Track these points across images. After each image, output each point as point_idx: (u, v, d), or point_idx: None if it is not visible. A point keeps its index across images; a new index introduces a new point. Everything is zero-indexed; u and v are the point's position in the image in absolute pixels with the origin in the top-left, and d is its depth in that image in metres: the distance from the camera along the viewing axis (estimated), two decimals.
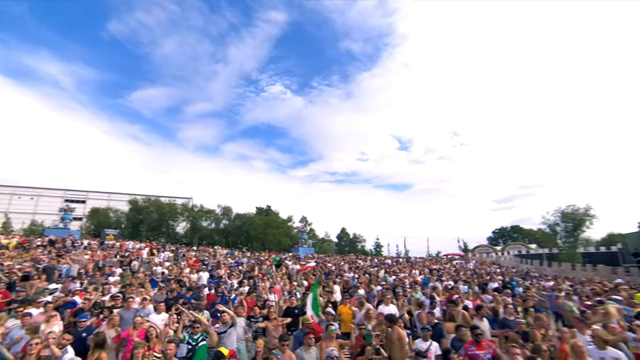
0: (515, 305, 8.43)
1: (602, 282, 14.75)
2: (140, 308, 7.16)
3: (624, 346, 5.49)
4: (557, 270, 27.49)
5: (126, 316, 6.58)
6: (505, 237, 79.11)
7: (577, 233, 35.09)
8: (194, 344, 5.49)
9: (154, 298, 8.35)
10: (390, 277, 15.78)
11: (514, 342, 5.43)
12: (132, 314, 6.61)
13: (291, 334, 6.72)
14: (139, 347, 4.52)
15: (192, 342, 5.53)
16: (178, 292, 9.22)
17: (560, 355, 5.17)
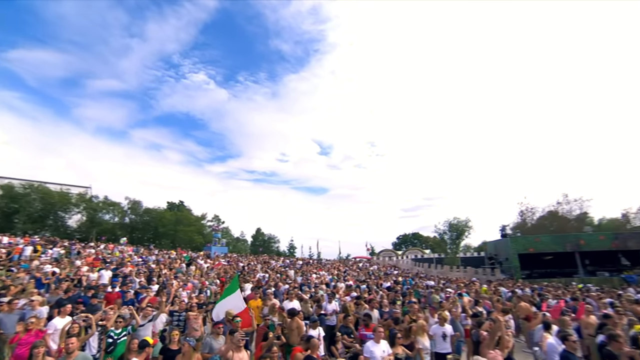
0: (396, 299, 10.31)
1: (461, 280, 18.36)
2: (27, 310, 6.72)
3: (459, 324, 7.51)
4: (441, 271, 32.41)
5: (7, 320, 6.27)
6: (407, 243, 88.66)
7: (458, 241, 42.13)
8: (115, 338, 5.65)
9: (47, 299, 7.90)
10: (298, 276, 17.34)
11: (387, 325, 6.95)
12: (16, 317, 6.31)
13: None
14: (39, 347, 4.33)
15: (115, 336, 5.68)
16: (75, 292, 8.78)
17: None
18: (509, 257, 24.50)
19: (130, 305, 7.73)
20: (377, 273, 24.72)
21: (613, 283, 21.57)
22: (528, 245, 25.06)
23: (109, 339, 5.61)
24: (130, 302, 8.31)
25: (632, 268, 24.09)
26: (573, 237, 25.82)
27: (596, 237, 26.12)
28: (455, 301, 9.68)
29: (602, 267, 24.84)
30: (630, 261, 25.00)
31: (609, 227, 44.54)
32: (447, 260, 41.75)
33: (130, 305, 7.74)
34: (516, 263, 23.94)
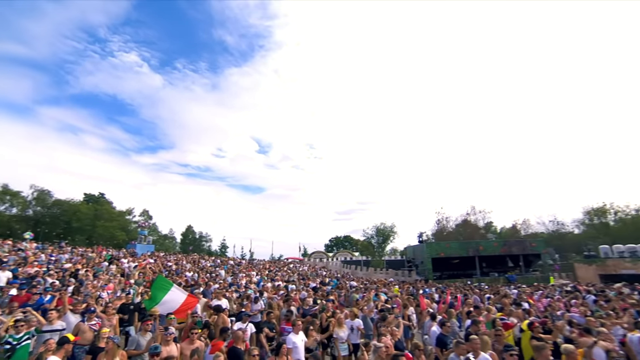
0: (316, 298, 11.37)
1: (382, 281, 20.40)
2: None
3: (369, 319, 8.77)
4: (366, 273, 34.95)
5: None
6: (338, 245, 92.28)
7: (384, 245, 45.77)
8: (14, 344, 5.31)
9: None
10: (229, 276, 17.63)
11: (307, 321, 7.89)
12: None
13: (123, 329, 7.65)
14: None
15: (13, 341, 5.33)
16: None
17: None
18: (424, 260, 27.73)
19: (38, 307, 7.36)
20: (306, 274, 25.84)
21: (500, 281, 25.81)
22: (440, 250, 28.66)
23: (6, 345, 5.26)
24: (38, 305, 7.83)
25: (513, 269, 29.28)
26: (474, 243, 30.25)
27: (491, 243, 30.95)
28: (369, 300, 11.10)
29: (494, 268, 29.56)
30: (514, 263, 30.28)
31: (505, 235, 52.35)
32: (373, 263, 44.99)
33: (39, 307, 7.36)
34: (429, 266, 27.21)
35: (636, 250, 28.29)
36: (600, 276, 27.92)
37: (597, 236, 40.18)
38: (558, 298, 13.98)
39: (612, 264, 28.41)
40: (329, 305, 9.52)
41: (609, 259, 28.97)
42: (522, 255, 29.74)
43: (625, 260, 28.04)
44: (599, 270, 28.55)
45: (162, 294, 7.44)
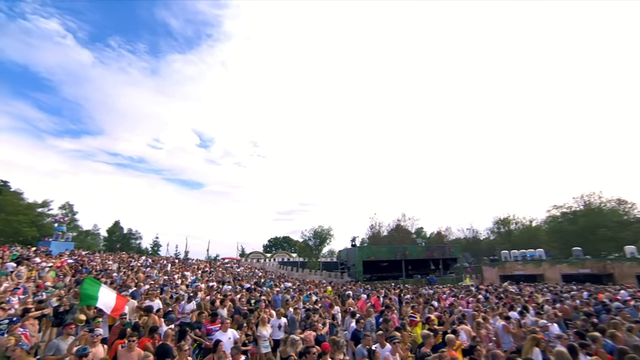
0: (250, 299, 11.89)
1: (315, 282, 21.50)
2: None
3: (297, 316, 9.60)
4: (302, 274, 36.02)
5: None
6: (277, 246, 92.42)
7: (321, 247, 47.44)
8: None
9: None
10: (162, 276, 17.17)
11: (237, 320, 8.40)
12: None
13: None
14: None
15: None
16: None
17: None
18: (355, 263, 29.61)
19: None
20: (242, 274, 25.95)
21: (422, 283, 28.66)
22: (370, 254, 30.87)
23: None
24: None
25: (434, 271, 32.83)
26: (401, 248, 33.20)
27: (416, 248, 34.24)
28: (299, 300, 11.94)
29: (418, 271, 32.69)
30: (435, 266, 33.87)
31: (432, 240, 57.57)
32: (310, 265, 46.40)
33: None
34: (360, 268, 29.14)
35: (525, 255, 34.07)
36: (500, 277, 32.72)
37: (503, 243, 46.57)
38: (462, 296, 16.28)
39: (509, 266, 33.59)
40: (261, 305, 10.13)
41: (507, 262, 34.22)
42: (442, 259, 33.50)
43: (518, 262, 33.57)
44: (499, 272, 33.42)
45: (93, 294, 7.34)
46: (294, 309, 10.33)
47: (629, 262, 30.51)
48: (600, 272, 30.88)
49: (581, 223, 41.43)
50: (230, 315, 9.06)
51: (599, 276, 30.28)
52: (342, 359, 6.00)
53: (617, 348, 5.91)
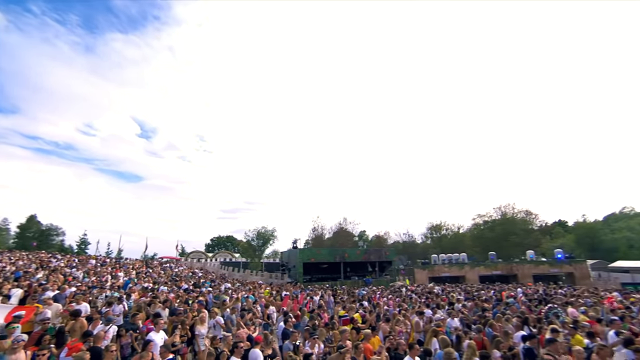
0: (188, 299, 12.01)
1: (254, 283, 21.89)
2: None
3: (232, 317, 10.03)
4: (243, 275, 35.83)
5: None
6: (220, 245, 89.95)
7: (264, 248, 47.58)
8: None
9: None
10: (90, 278, 16.24)
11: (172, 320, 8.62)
12: None
13: None
14: None
15: None
16: None
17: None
18: (296, 264, 30.41)
19: None
20: (180, 275, 25.25)
21: (359, 284, 30.39)
22: (311, 256, 31.93)
23: None
24: None
25: (371, 274, 35.01)
26: (341, 251, 34.87)
27: (355, 251, 36.14)
28: (237, 300, 12.32)
29: (356, 273, 34.55)
30: (372, 268, 36.06)
31: (372, 243, 60.64)
32: (252, 265, 46.25)
33: None
34: (300, 270, 30.03)
35: (451, 258, 38.06)
36: (429, 278, 35.97)
37: (435, 247, 51.01)
38: (390, 297, 17.89)
39: (437, 269, 37.13)
40: (196, 305, 10.37)
41: (436, 265, 37.79)
42: (378, 262, 35.85)
43: (445, 265, 37.30)
44: (429, 274, 36.73)
45: None
46: (230, 309, 10.72)
47: (529, 264, 35.76)
48: (508, 273, 35.66)
49: (497, 230, 47.32)
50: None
51: (507, 276, 34.94)
52: (270, 354, 6.67)
53: (492, 334, 7.51)
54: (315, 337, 6.82)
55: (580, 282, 33.68)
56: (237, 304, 11.72)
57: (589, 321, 9.22)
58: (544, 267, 36.09)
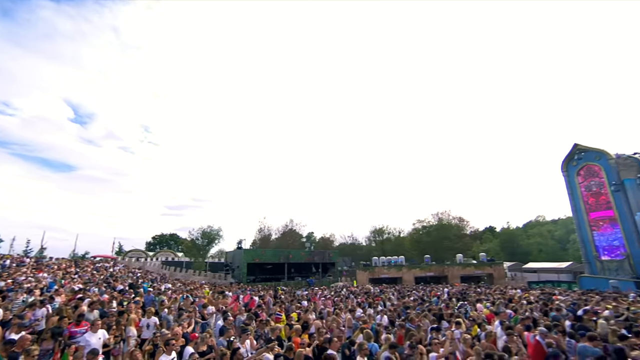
0: (123, 300, 11.73)
1: (196, 283, 21.62)
2: None
3: (169, 317, 10.09)
4: (185, 275, 34.73)
5: None
6: (163, 244, 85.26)
7: (209, 247, 46.37)
8: None
9: None
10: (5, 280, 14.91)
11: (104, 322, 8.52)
12: None
13: None
14: None
15: None
16: None
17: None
18: (240, 265, 30.36)
19: None
20: (116, 275, 23.89)
21: (302, 284, 31.22)
22: (255, 256, 32.08)
23: None
24: None
25: (314, 274, 36.13)
26: (286, 252, 35.50)
27: (299, 253, 37.00)
28: (175, 301, 12.31)
29: (300, 274, 35.39)
30: (316, 269, 37.20)
31: (319, 245, 62.02)
32: (196, 265, 44.78)
33: None
34: (244, 270, 30.06)
35: (390, 261, 40.63)
36: (370, 279, 37.98)
37: (377, 249, 53.79)
38: (329, 297, 18.85)
39: (377, 270, 39.35)
40: (132, 306, 10.25)
41: (377, 267, 40.04)
42: (322, 263, 37.10)
43: (385, 267, 39.68)
44: (370, 275, 38.78)
45: None
46: (168, 309, 10.75)
47: (457, 267, 39.49)
48: (440, 275, 39.01)
49: (434, 235, 51.47)
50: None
51: (439, 277, 38.23)
52: (205, 350, 7.04)
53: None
54: (248, 333, 7.33)
55: (497, 281, 38.04)
56: (175, 304, 11.73)
57: (488, 315, 10.92)
58: (470, 269, 40.19)
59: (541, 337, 7.13)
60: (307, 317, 10.66)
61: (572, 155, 36.94)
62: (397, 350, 6.75)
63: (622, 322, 8.88)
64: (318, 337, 7.75)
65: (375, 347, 7.27)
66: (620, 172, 31.74)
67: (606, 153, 33.76)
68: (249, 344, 7.35)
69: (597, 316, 10.27)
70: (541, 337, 7.13)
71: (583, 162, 35.83)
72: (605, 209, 33.45)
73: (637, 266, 29.73)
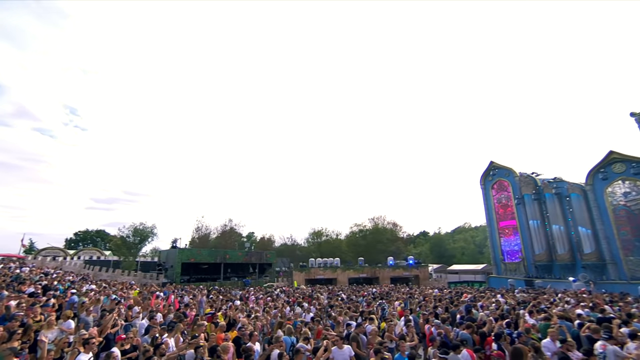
0: (35, 302, 11.09)
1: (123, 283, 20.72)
2: None
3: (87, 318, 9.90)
4: (112, 275, 32.54)
5: None
6: (87, 241, 77.64)
7: (141, 246, 43.72)
8: None
9: None
10: None
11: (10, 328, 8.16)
12: None
13: None
14: None
15: None
16: None
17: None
18: (174, 264, 29.43)
19: None
20: (24, 277, 21.67)
21: (238, 285, 31.25)
22: (191, 256, 31.32)
23: None
24: None
25: (251, 275, 36.44)
26: (222, 252, 35.19)
27: (236, 253, 36.95)
28: (97, 302, 11.93)
29: (236, 274, 35.32)
30: (253, 270, 37.47)
31: (258, 245, 61.84)
32: (125, 265, 41.90)
33: None
34: (178, 270, 29.22)
35: (326, 262, 42.49)
36: (306, 280, 39.23)
37: (315, 251, 55.40)
38: (262, 297, 19.42)
39: (313, 272, 40.86)
40: (47, 309, 9.84)
41: (313, 268, 41.55)
42: (259, 264, 37.43)
43: (320, 268, 41.39)
44: (306, 276, 40.06)
45: None
46: (86, 310, 10.47)
47: (388, 269, 42.62)
48: (371, 276, 41.73)
49: (369, 239, 54.68)
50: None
51: (371, 279, 40.87)
52: (128, 349, 7.28)
53: (332, 324, 9.73)
54: (173, 330, 7.74)
55: (422, 282, 41.82)
56: (98, 306, 11.38)
57: (400, 311, 12.51)
58: (399, 271, 43.62)
59: (435, 328, 8.78)
60: (235, 316, 11.18)
61: (489, 171, 42.14)
62: (315, 343, 7.72)
63: (498, 312, 11.05)
64: (241, 332, 8.40)
65: (293, 340, 8.14)
66: (521, 188, 37.13)
67: (513, 171, 39.21)
68: (174, 341, 7.72)
69: (483, 309, 12.42)
70: (435, 328, 8.78)
71: (497, 178, 41.09)
72: (510, 219, 38.79)
73: (529, 267, 35.06)
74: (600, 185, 30.90)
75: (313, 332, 9.14)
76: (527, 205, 36.08)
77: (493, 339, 7.59)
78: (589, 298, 15.71)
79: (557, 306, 13.02)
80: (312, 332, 9.08)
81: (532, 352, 6.15)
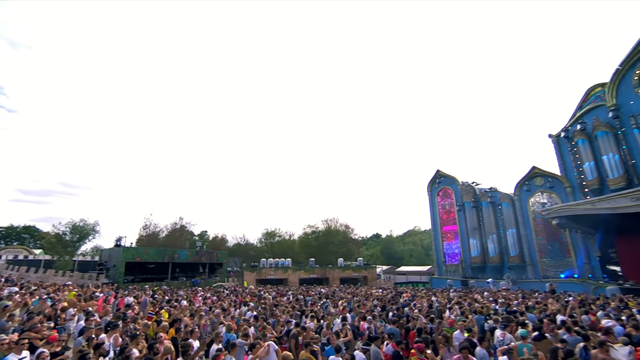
0: None
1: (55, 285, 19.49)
2: None
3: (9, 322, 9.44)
4: (43, 276, 30.03)
5: None
6: (11, 238, 69.67)
7: (79, 244, 40.61)
8: None
9: None
10: None
11: None
12: None
13: None
14: None
15: None
16: None
17: None
18: (117, 264, 27.94)
19: None
20: None
21: (186, 285, 30.49)
22: (136, 255, 29.92)
23: None
24: None
25: (200, 274, 35.73)
26: (170, 251, 34.04)
27: (185, 252, 35.89)
28: (22, 305, 11.29)
29: (185, 274, 34.37)
30: (203, 270, 36.72)
31: (211, 244, 60.31)
32: (59, 264, 38.77)
33: None
34: (122, 270, 27.78)
35: (278, 263, 42.93)
36: (257, 280, 39.24)
37: (267, 252, 55.37)
38: (209, 297, 19.33)
39: (264, 272, 41.03)
40: None
41: (264, 268, 41.71)
42: (209, 264, 36.75)
43: (272, 269, 41.75)
44: (257, 276, 40.07)
45: None
46: (10, 315, 9.95)
47: (338, 270, 44.06)
48: (322, 277, 42.83)
49: (321, 240, 55.85)
50: None
51: (321, 279, 41.91)
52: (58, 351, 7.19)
53: (274, 322, 10.22)
54: (113, 330, 7.78)
55: (370, 283, 43.71)
56: (24, 309, 10.78)
57: (341, 310, 13.39)
58: (348, 271, 45.20)
59: (367, 324, 9.74)
60: (179, 315, 11.25)
61: (435, 179, 45.31)
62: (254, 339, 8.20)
63: (428, 309, 12.40)
64: (183, 331, 8.61)
65: (234, 336, 8.53)
66: (463, 195, 40.50)
67: (456, 180, 42.57)
68: (112, 340, 7.74)
69: (416, 307, 13.71)
70: (367, 324, 9.74)
71: (442, 185, 44.33)
72: (452, 224, 42.05)
73: (466, 269, 38.35)
74: (525, 195, 34.90)
75: (256, 330, 9.58)
76: (467, 212, 39.43)
77: (415, 333, 8.69)
78: (504, 295, 17.93)
79: (479, 303, 14.77)
80: (255, 329, 9.54)
81: (444, 341, 7.34)
